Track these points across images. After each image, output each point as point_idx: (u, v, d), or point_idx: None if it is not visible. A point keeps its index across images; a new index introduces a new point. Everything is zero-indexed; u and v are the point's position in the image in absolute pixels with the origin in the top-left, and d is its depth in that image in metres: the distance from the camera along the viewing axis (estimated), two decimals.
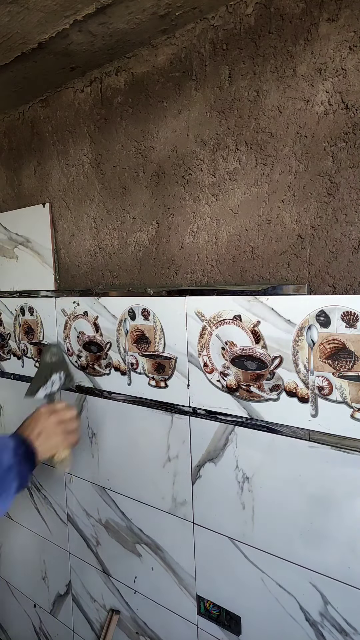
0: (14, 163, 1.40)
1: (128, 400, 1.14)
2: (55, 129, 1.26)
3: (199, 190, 0.97)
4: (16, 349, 1.45)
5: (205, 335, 0.96)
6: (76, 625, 1.37)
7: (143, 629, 1.18)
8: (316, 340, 0.80)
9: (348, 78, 0.76)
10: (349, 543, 0.80)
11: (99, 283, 1.21)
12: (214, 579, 1.01)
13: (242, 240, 0.92)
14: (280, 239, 0.87)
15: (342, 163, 0.78)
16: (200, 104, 0.95)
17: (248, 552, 0.94)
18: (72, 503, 1.32)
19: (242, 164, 0.90)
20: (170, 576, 1.10)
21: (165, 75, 1.00)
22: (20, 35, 0.94)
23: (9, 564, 1.59)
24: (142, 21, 0.91)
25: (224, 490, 0.97)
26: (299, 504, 0.86)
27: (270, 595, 0.92)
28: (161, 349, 1.04)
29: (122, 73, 1.08)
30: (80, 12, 0.86)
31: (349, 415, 0.78)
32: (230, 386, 0.93)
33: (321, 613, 0.85)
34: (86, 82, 1.16)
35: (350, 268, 0.79)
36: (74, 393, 1.27)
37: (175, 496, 1.06)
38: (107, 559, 1.25)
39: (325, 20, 0.77)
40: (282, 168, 0.85)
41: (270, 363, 0.87)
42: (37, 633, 1.51)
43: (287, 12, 0.81)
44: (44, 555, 1.44)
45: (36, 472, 1.42)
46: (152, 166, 1.05)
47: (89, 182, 1.20)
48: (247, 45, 0.86)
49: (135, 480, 1.14)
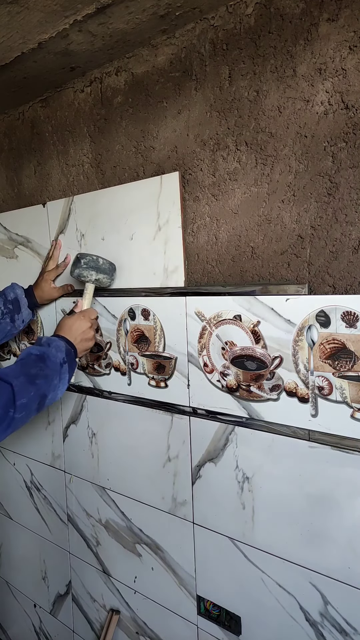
0: (14, 163, 1.40)
1: (128, 400, 1.14)
2: (55, 129, 1.26)
3: (199, 190, 0.97)
4: (16, 349, 1.45)
5: (205, 335, 0.96)
6: (76, 625, 1.37)
7: (143, 629, 1.18)
8: (316, 340, 0.80)
9: (348, 78, 0.76)
10: (349, 543, 0.80)
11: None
12: (214, 579, 1.01)
13: (242, 240, 0.92)
14: (280, 239, 0.87)
15: (342, 163, 0.78)
16: (200, 104, 0.95)
17: (248, 552, 0.94)
18: (72, 503, 1.32)
19: (242, 164, 0.90)
20: (170, 576, 1.10)
21: (165, 75, 1.00)
22: (20, 35, 0.94)
23: (9, 564, 1.59)
24: (142, 21, 0.91)
25: (224, 490, 0.97)
26: (299, 504, 0.86)
27: (271, 595, 0.92)
28: (161, 349, 1.04)
29: (122, 73, 1.08)
30: (80, 12, 0.86)
31: (349, 415, 0.78)
32: (230, 386, 0.93)
33: (321, 613, 0.85)
34: (86, 82, 1.16)
35: (350, 268, 0.79)
36: (74, 393, 1.27)
37: (175, 496, 1.06)
38: (107, 559, 1.25)
39: (325, 20, 0.77)
40: (282, 168, 0.85)
41: (270, 363, 0.87)
42: (37, 633, 1.51)
43: (287, 12, 0.81)
44: (44, 555, 1.44)
45: (36, 472, 1.42)
46: (152, 166, 1.05)
47: (89, 182, 1.20)
48: (247, 45, 0.86)
49: (136, 480, 1.14)
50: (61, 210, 1.23)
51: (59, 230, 1.25)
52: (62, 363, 0.95)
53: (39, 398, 0.89)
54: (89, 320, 1.05)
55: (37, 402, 0.89)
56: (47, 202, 1.28)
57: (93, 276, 1.07)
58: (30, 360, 0.92)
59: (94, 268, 1.06)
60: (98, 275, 1.07)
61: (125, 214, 1.09)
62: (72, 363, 0.98)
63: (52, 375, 0.92)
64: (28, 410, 0.87)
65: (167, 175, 1.00)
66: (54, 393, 0.93)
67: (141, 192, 1.05)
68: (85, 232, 1.18)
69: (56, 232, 1.26)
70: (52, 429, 1.35)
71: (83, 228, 1.19)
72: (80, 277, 1.08)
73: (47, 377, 0.91)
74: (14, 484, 1.51)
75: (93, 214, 1.16)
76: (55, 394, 0.94)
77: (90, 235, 1.17)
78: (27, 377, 0.88)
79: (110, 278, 1.09)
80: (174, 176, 0.99)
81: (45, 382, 0.90)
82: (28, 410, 0.87)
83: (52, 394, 0.93)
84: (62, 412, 1.32)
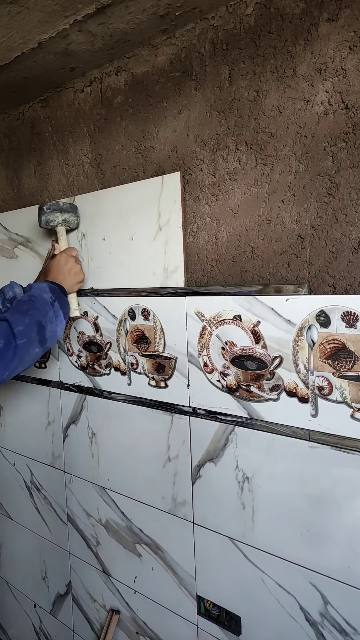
0: (14, 163, 1.40)
1: (128, 400, 1.14)
2: (55, 129, 1.26)
3: (199, 190, 0.97)
4: None
5: (205, 335, 0.96)
6: (76, 625, 1.37)
7: (143, 629, 1.18)
8: (316, 340, 0.80)
9: (348, 78, 0.76)
10: (349, 543, 0.80)
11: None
12: (214, 579, 1.01)
13: (242, 240, 0.92)
14: (280, 239, 0.87)
15: (342, 163, 0.78)
16: (200, 104, 0.95)
17: (248, 552, 0.94)
18: (72, 503, 1.32)
19: (242, 164, 0.90)
20: (170, 576, 1.10)
21: (165, 75, 1.00)
22: (20, 35, 0.94)
23: (9, 564, 1.59)
24: (142, 21, 0.91)
25: (224, 490, 0.97)
26: (299, 504, 0.86)
27: (271, 595, 0.92)
28: (161, 349, 1.04)
29: (122, 73, 1.08)
30: (80, 12, 0.86)
31: (349, 415, 0.78)
32: (230, 386, 0.93)
33: (321, 613, 0.85)
34: (86, 82, 1.16)
35: (350, 268, 0.79)
36: (74, 393, 1.27)
37: (175, 496, 1.06)
38: (107, 559, 1.25)
39: (325, 20, 0.77)
40: (282, 168, 0.85)
41: (270, 363, 0.87)
42: (37, 633, 1.51)
43: (287, 12, 0.81)
44: (44, 555, 1.44)
45: (36, 472, 1.42)
46: (152, 166, 1.05)
47: (89, 182, 1.20)
48: (247, 45, 0.86)
49: (136, 480, 1.14)
50: None
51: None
52: (51, 301, 1.01)
53: (35, 325, 0.95)
54: (71, 257, 1.12)
55: (35, 329, 0.95)
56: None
57: (59, 217, 1.14)
58: (19, 303, 0.99)
59: (57, 210, 1.13)
60: (64, 215, 1.14)
61: (126, 214, 1.09)
62: (61, 298, 1.04)
63: (44, 308, 0.99)
64: (28, 337, 0.93)
65: (169, 176, 1.00)
66: (52, 325, 0.99)
67: (142, 192, 1.05)
68: (86, 232, 1.18)
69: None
70: (52, 429, 1.35)
71: (84, 228, 1.19)
72: (48, 223, 1.14)
73: (38, 309, 0.98)
74: (14, 484, 1.51)
75: (94, 214, 1.16)
76: (54, 327, 1.00)
77: (91, 235, 1.17)
78: (20, 312, 0.96)
79: (75, 215, 1.16)
80: (175, 176, 0.99)
81: (37, 312, 0.97)
82: (28, 337, 0.93)
83: (51, 326, 0.99)
84: (62, 412, 1.32)
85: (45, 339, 0.98)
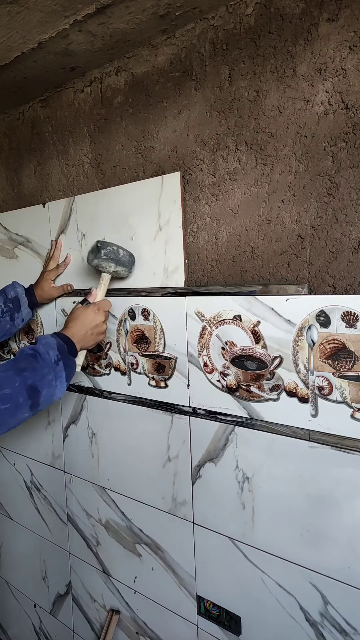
0: (14, 163, 1.40)
1: (128, 400, 1.14)
2: (55, 129, 1.26)
3: (199, 190, 0.97)
4: (16, 348, 1.45)
5: (205, 335, 0.96)
6: (76, 625, 1.37)
7: (143, 629, 1.18)
8: (316, 340, 0.80)
9: (348, 78, 0.76)
10: (349, 543, 0.80)
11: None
12: (214, 579, 1.01)
13: (242, 240, 0.92)
14: (280, 239, 0.87)
15: (342, 163, 0.78)
16: (200, 104, 0.95)
17: (248, 552, 0.94)
18: (72, 503, 1.32)
19: (242, 164, 0.90)
20: (170, 576, 1.10)
21: (165, 75, 1.00)
22: (20, 35, 0.94)
23: (9, 564, 1.59)
24: (142, 21, 0.91)
25: (224, 490, 0.97)
26: (299, 504, 0.86)
27: (271, 595, 0.92)
28: (161, 349, 1.04)
29: (122, 73, 1.08)
30: (80, 12, 0.86)
31: (349, 415, 0.78)
32: (230, 386, 0.93)
33: (321, 613, 0.85)
34: (86, 82, 1.16)
35: (350, 268, 0.79)
36: (74, 393, 1.27)
37: (175, 496, 1.06)
38: (107, 559, 1.25)
39: (325, 20, 0.77)
40: (282, 168, 0.85)
41: (270, 363, 0.87)
42: (37, 633, 1.51)
43: (287, 12, 0.81)
44: (44, 555, 1.44)
45: (36, 472, 1.42)
46: (152, 166, 1.05)
47: (89, 182, 1.20)
48: (247, 45, 0.86)
49: (136, 480, 1.14)
50: (62, 210, 1.23)
51: (59, 230, 1.25)
52: (56, 360, 0.93)
53: (26, 390, 0.86)
54: (103, 314, 1.04)
55: (26, 394, 0.86)
56: (48, 202, 1.28)
57: (112, 268, 1.03)
58: (21, 357, 0.92)
59: (113, 260, 1.01)
60: (117, 268, 1.03)
61: (126, 214, 1.09)
62: (68, 359, 0.96)
63: (43, 370, 0.90)
64: (13, 402, 0.84)
65: (169, 176, 1.00)
66: (49, 389, 0.91)
67: (142, 192, 1.05)
68: (86, 232, 1.18)
69: (57, 232, 1.26)
70: (52, 429, 1.35)
71: (84, 228, 1.19)
72: (98, 267, 1.03)
73: (35, 370, 0.89)
74: (14, 484, 1.51)
75: (94, 214, 1.16)
76: (52, 390, 0.92)
77: (91, 235, 1.17)
78: (15, 370, 0.88)
79: (128, 271, 1.06)
80: (175, 176, 0.99)
81: (33, 374, 0.88)
82: (13, 402, 0.84)
83: (47, 390, 0.90)
84: (62, 412, 1.32)
85: (39, 403, 0.89)
